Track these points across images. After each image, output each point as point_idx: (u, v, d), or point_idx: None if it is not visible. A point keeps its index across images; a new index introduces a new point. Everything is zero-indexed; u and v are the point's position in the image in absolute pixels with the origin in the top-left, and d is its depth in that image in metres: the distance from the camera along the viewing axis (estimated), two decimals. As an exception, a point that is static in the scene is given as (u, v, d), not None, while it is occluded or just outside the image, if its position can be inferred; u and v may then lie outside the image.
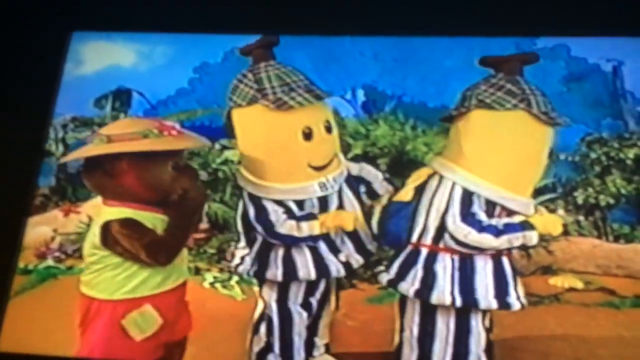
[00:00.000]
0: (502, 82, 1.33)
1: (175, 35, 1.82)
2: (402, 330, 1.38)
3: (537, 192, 1.51)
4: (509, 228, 1.29)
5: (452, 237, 1.30)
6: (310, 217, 1.37)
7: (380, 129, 1.60)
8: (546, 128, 1.32)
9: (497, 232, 1.29)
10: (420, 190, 1.36)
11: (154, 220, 1.30)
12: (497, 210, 1.32)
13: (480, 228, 1.29)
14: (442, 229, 1.32)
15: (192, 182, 1.33)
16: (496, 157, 1.31)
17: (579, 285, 1.52)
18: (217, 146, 1.76)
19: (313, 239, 1.36)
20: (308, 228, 1.35)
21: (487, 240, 1.28)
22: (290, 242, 1.36)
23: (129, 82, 1.80)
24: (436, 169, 1.36)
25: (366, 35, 1.64)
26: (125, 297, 1.28)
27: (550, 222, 1.32)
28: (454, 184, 1.32)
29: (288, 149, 1.38)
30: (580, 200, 1.61)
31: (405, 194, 1.36)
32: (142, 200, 1.31)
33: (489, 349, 1.33)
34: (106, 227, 1.28)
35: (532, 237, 1.29)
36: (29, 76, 1.76)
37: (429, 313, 1.34)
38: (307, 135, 1.37)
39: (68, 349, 1.33)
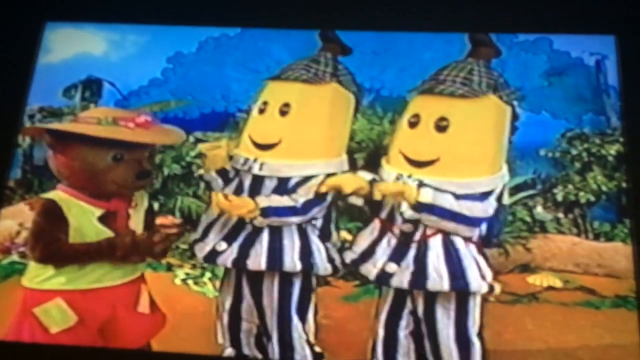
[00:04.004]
0: None
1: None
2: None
3: (517, 189, 1.49)
4: None
5: None
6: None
7: (358, 122, 1.56)
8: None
9: None
10: None
11: (84, 212, 1.28)
12: None
13: None
14: None
15: (130, 179, 1.30)
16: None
17: (558, 284, 1.49)
18: (191, 139, 1.71)
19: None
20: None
21: None
22: None
23: (100, 71, 1.75)
24: None
25: (345, 30, 1.60)
26: (38, 287, 1.28)
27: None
28: None
29: (250, 120, 1.48)
30: (559, 197, 1.57)
31: None
32: (80, 188, 1.29)
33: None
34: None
35: None
36: (1, 68, 1.72)
37: None
38: (262, 110, 1.44)
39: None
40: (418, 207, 1.29)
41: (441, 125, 1.32)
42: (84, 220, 1.29)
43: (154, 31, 1.77)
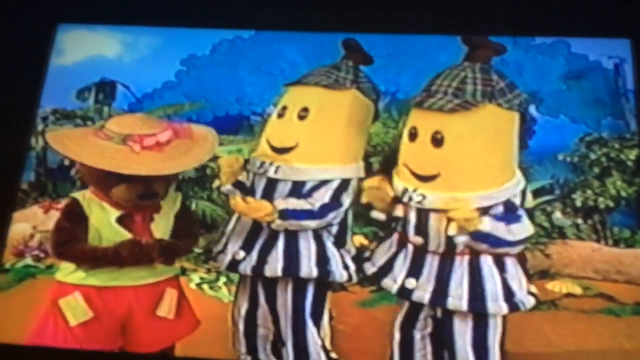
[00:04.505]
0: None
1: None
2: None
3: (535, 194, 1.47)
4: None
5: None
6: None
7: (373, 126, 1.55)
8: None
9: None
10: None
11: (105, 212, 1.30)
12: None
13: None
14: None
15: (131, 198, 1.29)
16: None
17: (577, 290, 1.48)
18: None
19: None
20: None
21: None
22: None
23: (113, 73, 1.74)
24: None
25: (360, 32, 1.59)
26: (64, 280, 1.31)
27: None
28: None
29: (268, 124, 1.46)
30: (578, 203, 1.56)
31: None
32: (100, 188, 1.31)
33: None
34: None
35: None
36: (13, 70, 1.71)
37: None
38: (280, 114, 1.43)
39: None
40: (476, 235, 1.25)
41: (437, 139, 1.28)
42: (104, 220, 1.30)
43: (167, 33, 1.76)
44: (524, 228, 1.28)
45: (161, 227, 1.35)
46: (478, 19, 1.66)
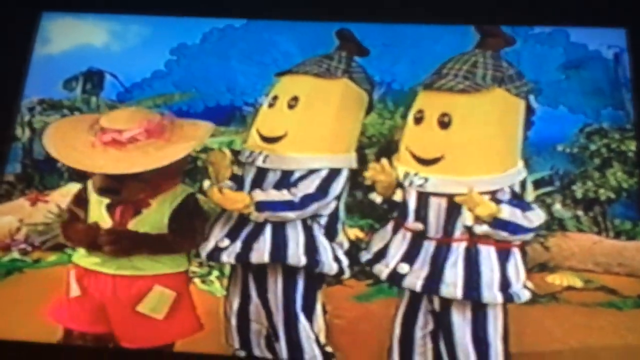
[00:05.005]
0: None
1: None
2: None
3: (534, 185, 1.45)
4: None
5: None
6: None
7: (368, 117, 1.52)
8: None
9: None
10: None
11: (100, 199, 1.31)
12: None
13: None
14: None
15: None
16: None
17: (578, 283, 1.46)
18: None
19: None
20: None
21: None
22: None
23: (101, 62, 1.71)
24: None
25: (354, 22, 1.57)
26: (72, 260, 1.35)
27: None
28: None
29: (259, 114, 1.45)
30: (579, 194, 1.54)
31: None
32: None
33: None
34: None
35: None
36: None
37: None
38: (271, 104, 1.41)
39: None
40: (496, 223, 1.23)
41: (444, 122, 1.27)
42: (97, 206, 1.31)
43: (157, 22, 1.73)
44: (538, 215, 1.27)
45: (149, 221, 1.31)
46: (476, 8, 1.63)
